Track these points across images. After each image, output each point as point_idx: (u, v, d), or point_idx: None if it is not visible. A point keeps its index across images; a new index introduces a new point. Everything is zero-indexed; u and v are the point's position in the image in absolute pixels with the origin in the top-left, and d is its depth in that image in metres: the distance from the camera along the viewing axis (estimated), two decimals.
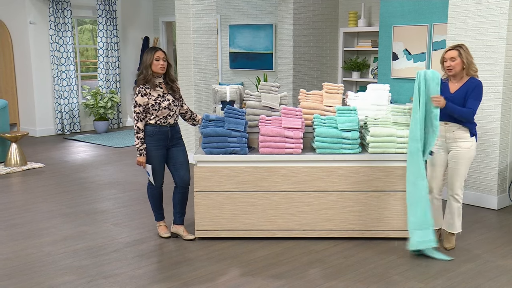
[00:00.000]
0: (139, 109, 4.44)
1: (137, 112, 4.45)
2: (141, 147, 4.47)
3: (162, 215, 4.83)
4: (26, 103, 10.20)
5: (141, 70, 4.49)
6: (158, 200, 4.76)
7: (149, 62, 4.44)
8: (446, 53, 4.35)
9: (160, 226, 4.82)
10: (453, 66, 4.30)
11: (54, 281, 3.93)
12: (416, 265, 4.16)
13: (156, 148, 4.53)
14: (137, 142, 4.48)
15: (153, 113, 4.47)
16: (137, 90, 4.45)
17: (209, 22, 7.50)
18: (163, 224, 4.83)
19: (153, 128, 4.50)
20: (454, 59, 4.30)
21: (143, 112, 4.46)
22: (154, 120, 4.49)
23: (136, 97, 4.44)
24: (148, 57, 4.45)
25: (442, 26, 7.10)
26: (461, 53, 4.30)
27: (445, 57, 4.34)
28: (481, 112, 5.44)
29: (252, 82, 10.27)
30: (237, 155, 4.59)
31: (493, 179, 5.47)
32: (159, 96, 4.49)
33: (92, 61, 14.22)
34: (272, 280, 3.91)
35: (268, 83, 5.01)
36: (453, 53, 4.31)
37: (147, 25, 11.76)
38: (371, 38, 9.10)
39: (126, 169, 7.45)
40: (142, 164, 4.51)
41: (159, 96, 4.49)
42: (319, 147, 4.57)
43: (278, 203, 4.60)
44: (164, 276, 4.01)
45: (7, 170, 7.31)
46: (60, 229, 5.03)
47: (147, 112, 4.47)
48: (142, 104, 4.44)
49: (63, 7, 10.11)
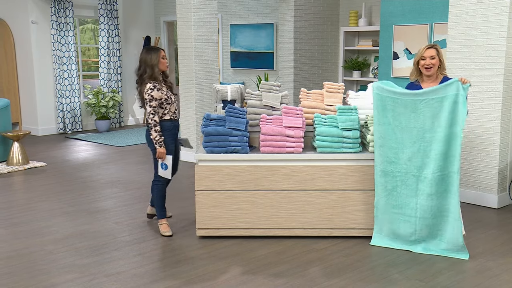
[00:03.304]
0: (155, 103, 4.62)
1: (153, 106, 4.61)
2: (160, 139, 4.64)
3: (166, 212, 4.91)
4: (28, 102, 10.23)
5: (144, 68, 4.64)
6: (164, 196, 4.89)
7: (156, 61, 4.64)
8: (425, 51, 4.39)
9: (162, 224, 4.85)
10: (433, 64, 4.37)
11: (56, 279, 3.95)
12: (416, 264, 4.18)
13: (172, 142, 4.79)
14: (155, 135, 4.62)
15: (167, 107, 4.69)
16: (152, 86, 4.62)
17: (210, 21, 7.52)
18: (165, 222, 4.86)
19: (169, 123, 4.74)
20: (434, 57, 4.37)
21: (158, 106, 4.63)
22: (168, 115, 4.72)
23: (151, 92, 4.60)
24: (153, 57, 4.65)
25: (443, 25, 7.11)
26: (438, 51, 4.39)
27: (425, 55, 4.38)
28: (481, 111, 5.45)
29: (253, 81, 10.29)
30: (238, 154, 4.60)
31: (493, 178, 5.49)
32: (167, 91, 4.74)
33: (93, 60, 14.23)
34: (273, 279, 3.93)
35: (269, 82, 5.02)
36: (433, 52, 4.38)
37: (149, 25, 11.77)
38: (372, 37, 9.11)
39: (128, 168, 7.47)
40: (164, 156, 4.67)
41: (167, 91, 4.74)
42: (319, 146, 4.59)
43: (279, 202, 4.62)
44: (166, 274, 4.03)
45: (9, 169, 7.34)
46: (62, 228, 5.06)
47: (160, 107, 4.65)
48: (158, 98, 4.62)
49: (65, 6, 10.13)
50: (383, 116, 4.36)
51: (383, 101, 4.34)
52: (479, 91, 5.38)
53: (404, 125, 4.29)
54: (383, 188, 4.43)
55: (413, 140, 4.28)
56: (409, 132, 4.28)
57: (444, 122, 4.17)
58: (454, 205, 4.24)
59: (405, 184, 4.35)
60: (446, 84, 4.18)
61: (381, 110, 4.37)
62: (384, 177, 4.41)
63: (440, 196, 4.28)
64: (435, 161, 4.22)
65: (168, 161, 4.73)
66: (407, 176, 4.34)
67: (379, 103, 4.37)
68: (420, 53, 4.41)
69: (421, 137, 4.25)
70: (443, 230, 4.31)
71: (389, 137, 4.35)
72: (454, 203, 4.24)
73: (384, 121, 4.37)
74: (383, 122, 4.37)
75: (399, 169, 4.35)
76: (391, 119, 4.33)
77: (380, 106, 4.37)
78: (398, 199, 4.39)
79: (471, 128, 5.50)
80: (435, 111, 4.20)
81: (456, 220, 4.25)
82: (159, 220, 4.88)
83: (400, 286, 3.80)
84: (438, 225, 4.32)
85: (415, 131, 4.26)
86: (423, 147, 4.26)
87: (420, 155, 4.27)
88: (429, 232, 4.35)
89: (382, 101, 4.35)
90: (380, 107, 4.37)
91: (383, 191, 4.43)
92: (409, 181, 4.33)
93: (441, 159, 4.21)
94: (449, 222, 4.27)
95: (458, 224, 4.25)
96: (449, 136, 4.19)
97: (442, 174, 4.23)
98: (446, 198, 4.27)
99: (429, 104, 4.20)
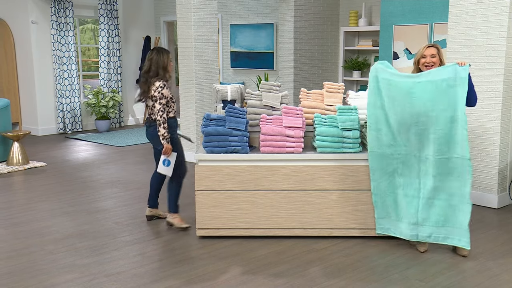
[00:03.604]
0: (165, 101, 4.75)
1: (163, 104, 4.73)
2: (168, 136, 4.78)
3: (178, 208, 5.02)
4: (28, 102, 10.23)
5: (156, 70, 4.78)
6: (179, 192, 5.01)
7: (167, 62, 4.83)
8: (426, 50, 4.40)
9: (176, 218, 4.94)
10: (434, 62, 4.38)
11: (56, 279, 3.96)
12: (416, 263, 4.18)
13: (176, 138, 4.93)
14: (163, 131, 4.73)
15: (172, 106, 4.84)
16: (162, 84, 4.74)
17: (210, 21, 7.52)
18: (178, 216, 4.96)
19: (173, 120, 4.89)
20: (434, 55, 4.39)
21: (166, 104, 4.78)
22: (172, 113, 4.87)
23: (162, 90, 4.73)
24: (165, 58, 4.81)
25: (443, 25, 7.12)
26: (439, 50, 4.41)
27: (425, 54, 4.40)
28: (481, 111, 5.45)
29: (253, 81, 10.29)
30: (238, 154, 4.61)
31: (493, 178, 5.49)
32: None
33: (93, 60, 14.24)
34: (273, 279, 3.93)
35: (269, 82, 5.03)
36: (433, 50, 4.40)
37: (149, 25, 11.77)
38: (372, 37, 9.12)
39: (128, 168, 7.47)
40: (170, 152, 4.79)
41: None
42: (319, 146, 4.59)
43: (279, 202, 4.62)
44: (166, 274, 4.03)
45: (9, 169, 7.34)
46: (62, 228, 5.06)
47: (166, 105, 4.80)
48: (167, 97, 4.77)
49: (65, 6, 10.13)
50: (379, 99, 4.35)
51: (378, 83, 4.34)
52: (479, 91, 5.38)
53: (400, 108, 4.26)
54: (383, 172, 4.41)
55: (408, 123, 4.25)
56: (404, 115, 4.25)
57: (441, 105, 4.15)
58: (459, 189, 4.24)
59: (406, 165, 4.34)
60: (443, 67, 4.21)
61: (376, 93, 4.36)
62: (383, 161, 4.39)
63: (444, 179, 4.26)
64: (435, 145, 4.21)
65: (172, 157, 4.82)
66: (408, 157, 4.33)
67: (375, 85, 4.36)
68: (421, 52, 4.42)
69: (415, 121, 4.22)
70: (446, 214, 4.30)
71: (386, 120, 4.34)
72: (459, 186, 4.23)
73: (378, 104, 4.36)
74: (379, 105, 4.36)
75: (399, 151, 4.34)
76: (386, 102, 4.32)
77: (375, 88, 4.36)
78: (400, 180, 4.38)
79: (471, 128, 5.50)
80: (431, 94, 4.18)
81: (461, 204, 4.24)
82: (172, 214, 4.96)
83: (400, 286, 3.80)
84: (440, 207, 4.30)
85: (409, 115, 4.23)
86: (419, 130, 4.23)
87: (418, 138, 4.26)
88: (431, 213, 4.33)
89: (377, 83, 4.35)
90: (375, 90, 4.36)
91: (383, 175, 4.42)
92: (411, 161, 4.33)
93: (441, 143, 4.19)
94: (453, 206, 4.27)
95: (463, 208, 4.24)
96: (448, 120, 4.16)
97: (444, 158, 4.21)
98: (450, 181, 4.25)
99: (425, 87, 4.18)
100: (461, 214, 4.27)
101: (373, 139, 4.41)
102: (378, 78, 4.35)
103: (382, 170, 4.42)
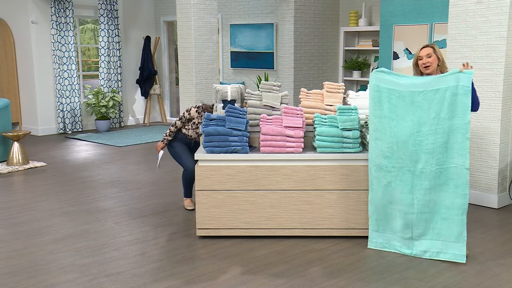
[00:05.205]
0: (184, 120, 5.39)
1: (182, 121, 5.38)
2: (167, 139, 5.42)
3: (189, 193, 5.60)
4: (28, 102, 10.23)
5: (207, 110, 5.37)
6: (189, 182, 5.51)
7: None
8: (421, 51, 4.38)
9: (185, 200, 5.59)
10: (430, 61, 4.34)
11: (56, 279, 3.96)
12: (416, 263, 4.18)
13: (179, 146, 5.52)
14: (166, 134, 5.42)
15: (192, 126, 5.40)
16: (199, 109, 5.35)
17: (210, 21, 7.52)
18: (188, 199, 5.58)
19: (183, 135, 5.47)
20: (430, 55, 4.35)
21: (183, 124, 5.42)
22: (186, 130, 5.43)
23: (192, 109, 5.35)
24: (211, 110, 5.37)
25: (443, 25, 7.12)
26: (435, 49, 4.37)
27: (421, 55, 4.37)
28: (481, 111, 5.45)
29: (253, 81, 10.29)
30: (238, 154, 4.61)
31: (493, 178, 5.49)
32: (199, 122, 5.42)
33: (93, 60, 14.24)
34: (273, 279, 3.93)
35: (269, 82, 5.02)
36: (429, 50, 4.36)
37: (149, 25, 11.77)
38: (372, 37, 9.12)
39: (128, 168, 7.47)
40: (158, 149, 5.48)
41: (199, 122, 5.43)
42: (320, 146, 4.59)
43: (279, 202, 4.62)
44: (166, 274, 4.03)
45: (9, 169, 7.34)
46: (62, 228, 5.06)
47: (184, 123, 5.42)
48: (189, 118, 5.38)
49: (65, 6, 10.13)
50: (379, 108, 4.32)
51: (380, 92, 4.30)
52: (479, 91, 5.38)
53: (400, 117, 4.24)
54: (379, 183, 4.40)
55: (408, 133, 4.21)
56: (405, 125, 4.22)
57: (443, 114, 4.12)
58: (454, 201, 4.17)
59: (400, 180, 4.29)
60: (445, 75, 4.15)
61: (377, 102, 4.32)
62: (379, 171, 4.37)
63: (438, 190, 4.20)
64: (433, 155, 4.16)
65: (159, 155, 5.56)
66: (401, 171, 4.28)
67: (376, 94, 4.31)
68: (417, 54, 4.41)
69: (417, 130, 4.19)
70: (440, 227, 4.24)
71: (384, 130, 4.30)
72: (454, 198, 4.17)
73: (379, 113, 4.32)
74: (379, 114, 4.32)
75: (394, 164, 4.29)
76: (387, 111, 4.28)
77: (376, 97, 4.32)
78: (393, 195, 4.34)
79: (471, 128, 5.50)
80: (433, 103, 4.14)
81: (456, 216, 4.18)
82: (184, 198, 5.62)
83: (400, 286, 3.80)
84: (435, 221, 4.26)
85: (411, 124, 4.20)
86: (418, 140, 4.19)
87: (416, 148, 4.20)
88: (426, 228, 4.29)
89: (378, 92, 4.30)
90: (376, 99, 4.32)
91: (378, 186, 4.41)
92: (404, 176, 4.27)
93: (439, 152, 4.15)
94: (448, 219, 4.21)
95: (458, 220, 4.18)
96: (449, 128, 4.13)
97: (441, 168, 4.17)
98: (446, 193, 4.19)
99: (427, 96, 4.15)
100: (456, 227, 4.21)
101: (371, 148, 4.40)
102: (379, 87, 4.30)
103: (378, 180, 4.40)
